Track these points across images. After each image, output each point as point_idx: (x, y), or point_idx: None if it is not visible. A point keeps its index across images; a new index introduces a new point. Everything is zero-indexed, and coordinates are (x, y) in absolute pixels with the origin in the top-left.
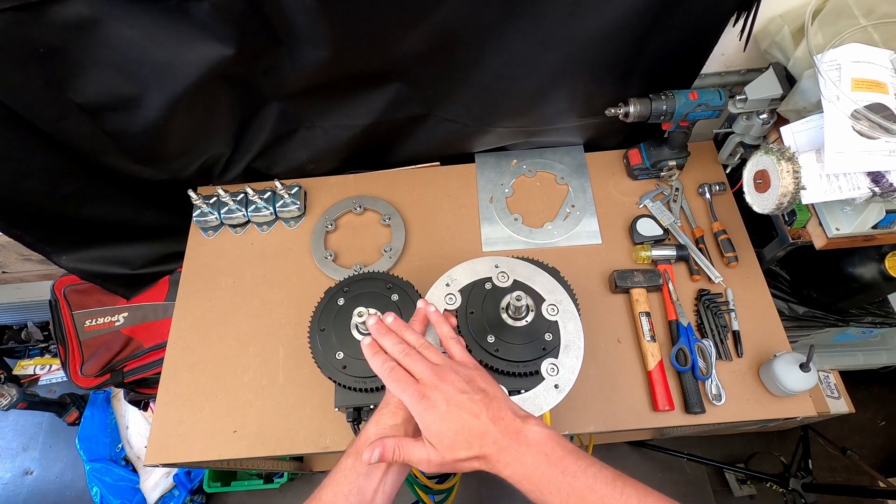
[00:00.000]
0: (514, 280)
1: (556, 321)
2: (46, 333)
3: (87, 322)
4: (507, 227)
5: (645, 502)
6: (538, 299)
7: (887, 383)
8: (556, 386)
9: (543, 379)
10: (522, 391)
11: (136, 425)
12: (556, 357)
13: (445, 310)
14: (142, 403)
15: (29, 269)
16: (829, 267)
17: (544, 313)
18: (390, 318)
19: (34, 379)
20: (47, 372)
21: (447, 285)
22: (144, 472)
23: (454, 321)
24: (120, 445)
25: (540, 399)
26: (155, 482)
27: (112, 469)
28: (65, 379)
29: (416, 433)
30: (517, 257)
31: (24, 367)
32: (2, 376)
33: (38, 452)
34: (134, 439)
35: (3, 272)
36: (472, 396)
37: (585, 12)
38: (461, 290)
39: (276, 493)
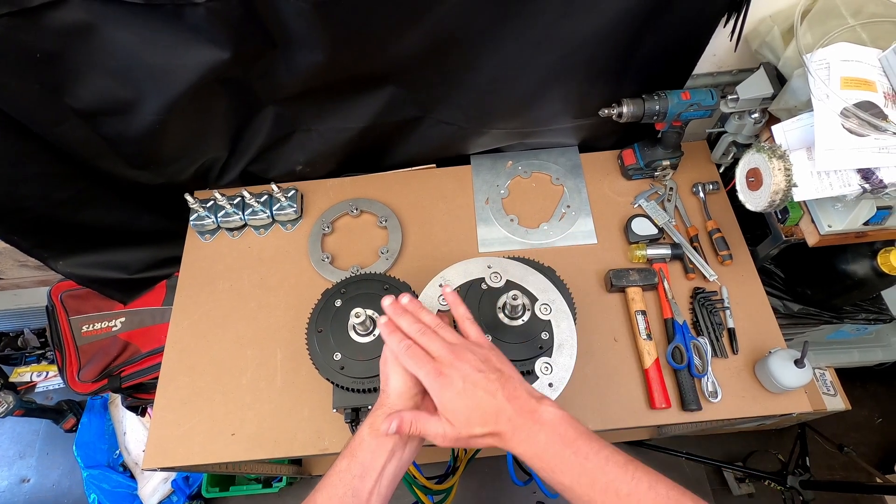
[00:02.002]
0: (507, 280)
1: (550, 320)
2: (43, 340)
3: (84, 327)
4: (503, 228)
5: (656, 488)
6: (532, 299)
7: (883, 380)
8: (549, 385)
9: (538, 378)
10: None
11: (133, 431)
12: (550, 356)
13: (439, 310)
14: (139, 409)
15: (25, 275)
16: (822, 264)
17: (538, 313)
18: (406, 298)
19: (31, 386)
20: (44, 379)
21: (440, 286)
22: (142, 478)
23: (448, 321)
24: (117, 452)
25: None
26: (153, 488)
27: (110, 476)
28: (62, 385)
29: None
30: (510, 257)
31: (21, 375)
32: None
33: (34, 460)
34: (132, 445)
35: (0, 279)
36: (488, 375)
37: (578, 14)
38: (457, 291)
39: (274, 497)
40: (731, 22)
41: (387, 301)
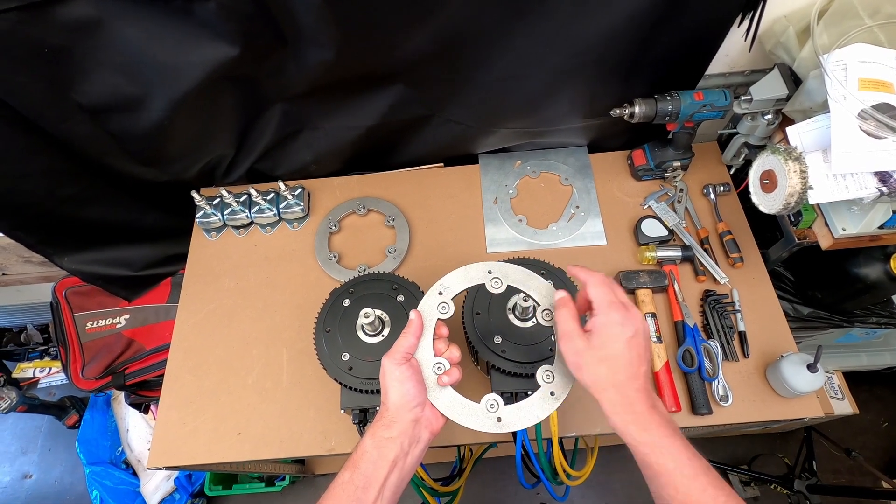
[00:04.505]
0: (508, 286)
1: (552, 327)
2: (46, 336)
3: (88, 324)
4: (511, 229)
5: None
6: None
7: (890, 384)
8: (552, 393)
9: (539, 386)
10: (529, 392)
11: (136, 428)
12: (552, 364)
13: (438, 319)
14: (142, 406)
15: (30, 270)
16: (834, 267)
17: (540, 319)
18: None
19: (34, 382)
20: (47, 375)
21: (440, 293)
22: (145, 475)
23: (446, 331)
24: (120, 448)
25: (536, 407)
26: (155, 485)
27: (112, 472)
28: (65, 381)
29: (410, 446)
30: (515, 260)
31: (24, 370)
32: (1, 379)
33: (37, 456)
34: (134, 442)
35: (4, 274)
36: (645, 353)
37: (590, 13)
38: (468, 290)
39: (277, 495)
40: (746, 22)
41: None
